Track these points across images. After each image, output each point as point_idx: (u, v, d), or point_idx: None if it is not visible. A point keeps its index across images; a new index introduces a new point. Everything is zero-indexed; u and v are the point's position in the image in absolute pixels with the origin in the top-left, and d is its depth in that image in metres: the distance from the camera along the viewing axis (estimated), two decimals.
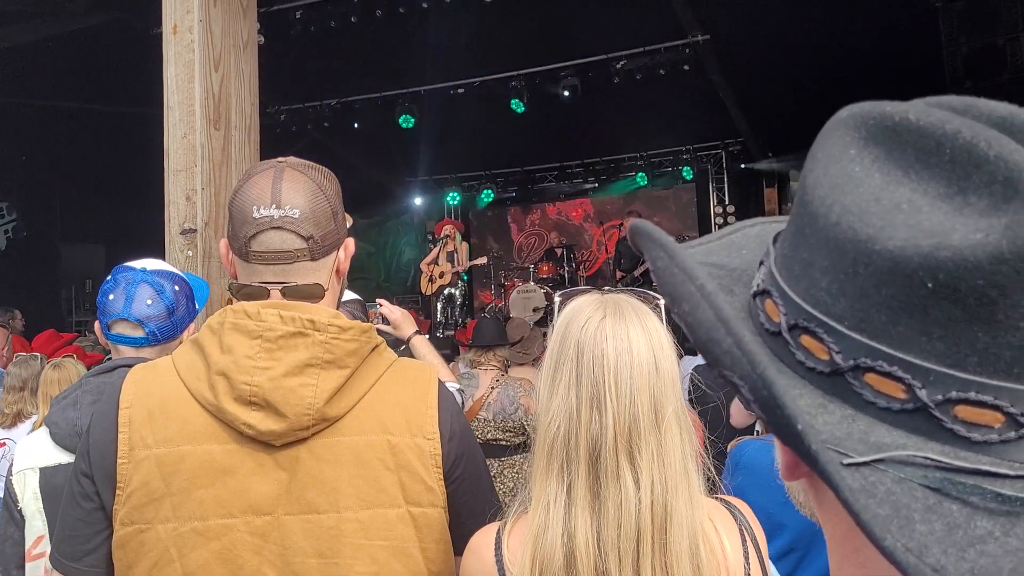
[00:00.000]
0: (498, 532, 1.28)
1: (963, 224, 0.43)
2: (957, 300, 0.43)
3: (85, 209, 11.89)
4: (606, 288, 1.37)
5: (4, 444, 4.03)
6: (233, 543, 1.25)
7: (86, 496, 1.28)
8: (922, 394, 0.45)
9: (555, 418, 1.21)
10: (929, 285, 0.43)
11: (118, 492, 1.26)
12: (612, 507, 1.17)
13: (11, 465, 1.96)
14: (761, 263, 0.57)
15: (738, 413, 3.87)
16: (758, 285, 0.55)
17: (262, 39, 8.09)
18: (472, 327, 4.57)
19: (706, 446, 1.36)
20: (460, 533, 1.35)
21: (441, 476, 1.32)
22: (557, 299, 1.39)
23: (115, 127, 9.94)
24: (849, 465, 0.45)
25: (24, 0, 7.20)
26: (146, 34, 7.22)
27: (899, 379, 0.45)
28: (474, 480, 1.39)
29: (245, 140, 3.64)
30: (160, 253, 3.44)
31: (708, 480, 1.30)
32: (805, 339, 0.49)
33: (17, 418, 4.03)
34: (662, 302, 1.40)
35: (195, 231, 3.41)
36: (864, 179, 0.47)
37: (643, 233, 0.57)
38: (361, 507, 1.27)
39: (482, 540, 1.29)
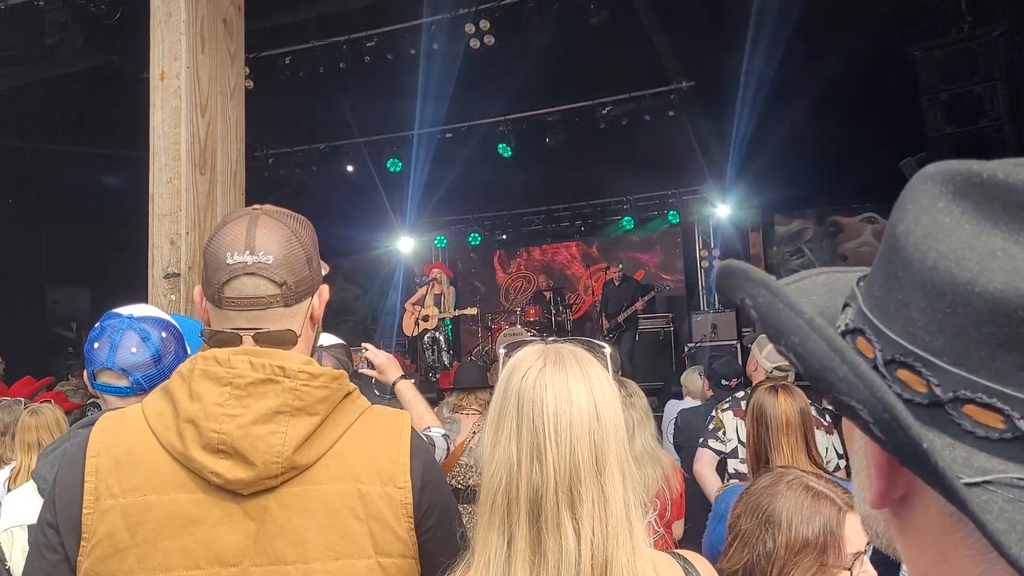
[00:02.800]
0: None
1: None
2: None
3: (71, 251, 11.87)
4: (551, 338, 1.37)
5: None
6: None
7: (51, 547, 1.25)
8: (1021, 424, 0.48)
9: (496, 470, 1.21)
10: None
11: (83, 543, 1.23)
12: (552, 559, 1.16)
13: None
14: (846, 305, 0.61)
15: (708, 482, 3.84)
16: (847, 324, 0.59)
17: (251, 84, 8.19)
18: (454, 371, 4.55)
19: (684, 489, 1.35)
20: None
21: (412, 526, 1.31)
22: (502, 351, 1.39)
23: (102, 170, 9.98)
24: (965, 485, 0.48)
25: (14, 44, 7.25)
26: (135, 79, 7.29)
27: (998, 410, 0.49)
28: (446, 530, 1.37)
29: (230, 185, 3.65)
30: (144, 296, 3.43)
31: (688, 526, 1.29)
32: (902, 373, 0.53)
33: None
34: (607, 350, 1.41)
35: (178, 275, 3.41)
36: (955, 229, 0.51)
37: (740, 272, 0.60)
38: (330, 558, 1.25)
39: None
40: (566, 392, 1.22)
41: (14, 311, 11.11)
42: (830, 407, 4.73)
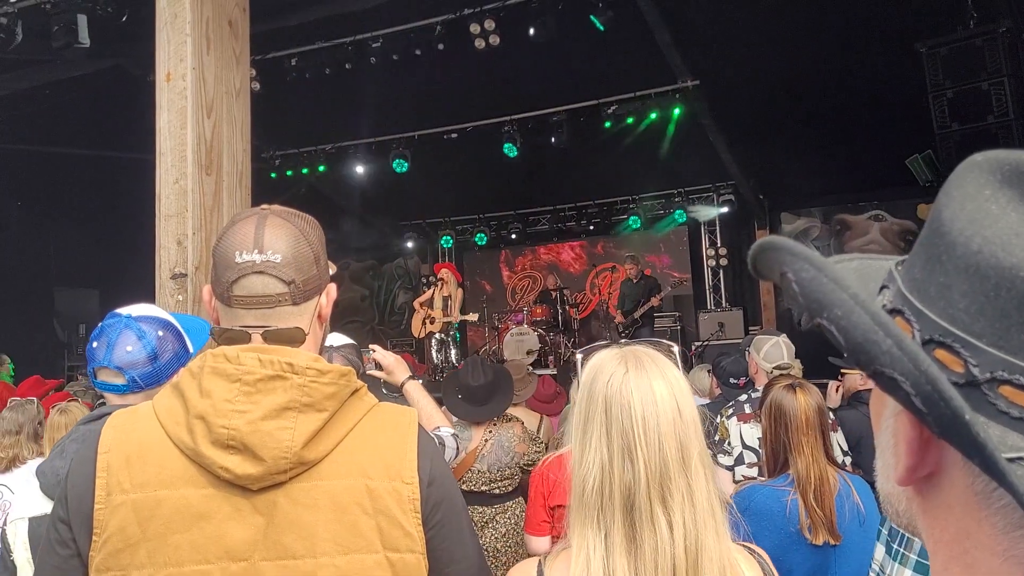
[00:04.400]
0: (539, 564, 1.40)
1: None
2: None
3: (79, 254, 11.92)
4: (623, 340, 1.51)
5: None
6: None
7: (63, 543, 1.27)
8: None
9: (589, 470, 1.33)
10: None
11: (94, 538, 1.25)
12: (648, 549, 1.27)
13: (7, 514, 1.96)
14: (884, 287, 0.62)
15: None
16: (885, 305, 0.60)
17: (257, 86, 8.22)
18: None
19: None
20: None
21: (420, 521, 1.31)
22: (579, 356, 1.56)
23: (110, 172, 10.02)
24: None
25: (23, 47, 7.28)
26: (142, 81, 7.32)
27: None
28: (454, 526, 1.37)
29: (236, 185, 3.67)
30: (152, 297, 3.45)
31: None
32: (939, 352, 0.54)
33: (12, 463, 3.98)
34: (676, 348, 1.57)
35: (185, 275, 3.42)
36: (1001, 216, 0.52)
37: (783, 247, 0.61)
38: (338, 552, 1.26)
39: (523, 571, 1.42)
40: (651, 395, 1.33)
41: (23, 313, 11.18)
42: (837, 407, 4.71)
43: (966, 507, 0.55)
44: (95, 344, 1.99)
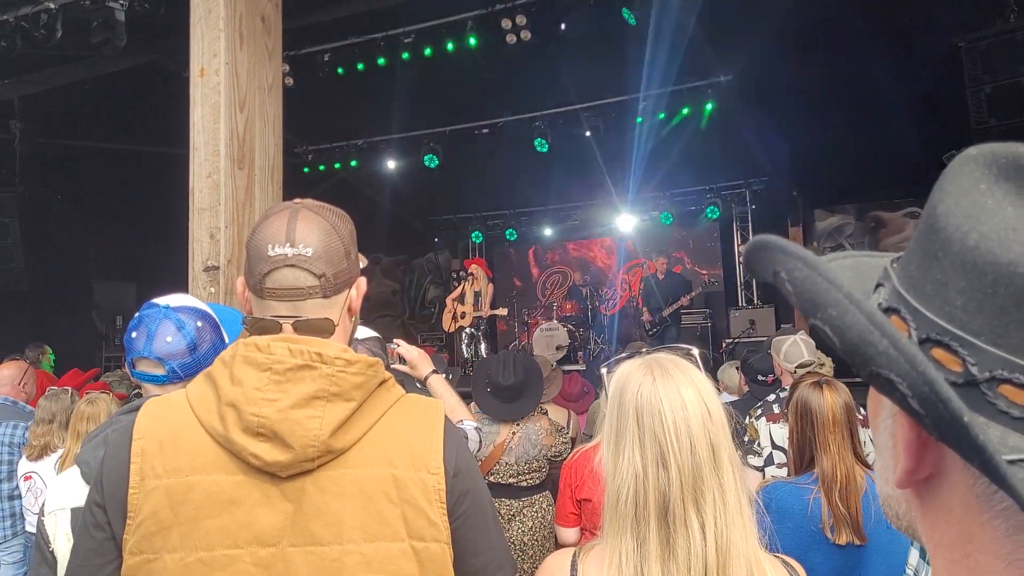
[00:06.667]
0: (574, 556, 1.43)
1: None
2: None
3: (117, 247, 12.11)
4: (644, 349, 1.54)
5: (31, 477, 4.08)
6: (238, 574, 1.26)
7: (98, 526, 1.30)
8: None
9: (623, 480, 1.36)
10: None
11: (128, 521, 1.27)
12: (682, 552, 1.30)
13: (44, 504, 1.96)
14: (879, 285, 0.61)
15: None
16: (880, 303, 0.59)
17: (290, 81, 8.28)
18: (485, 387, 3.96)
19: None
20: (463, 570, 1.36)
21: (445, 511, 1.33)
22: (604, 370, 1.60)
23: (146, 167, 10.17)
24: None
25: (62, 44, 7.42)
26: (177, 77, 7.41)
27: None
28: (479, 517, 1.39)
29: (268, 180, 3.71)
30: (186, 289, 3.50)
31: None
32: (937, 352, 0.52)
33: (44, 451, 4.07)
34: (695, 351, 1.60)
35: (218, 268, 3.47)
36: (997, 211, 0.51)
37: (776, 246, 0.59)
38: (364, 540, 1.28)
39: (557, 562, 1.45)
40: (680, 400, 1.36)
41: (63, 305, 11.38)
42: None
43: (967, 509, 0.54)
44: (134, 334, 1.99)
